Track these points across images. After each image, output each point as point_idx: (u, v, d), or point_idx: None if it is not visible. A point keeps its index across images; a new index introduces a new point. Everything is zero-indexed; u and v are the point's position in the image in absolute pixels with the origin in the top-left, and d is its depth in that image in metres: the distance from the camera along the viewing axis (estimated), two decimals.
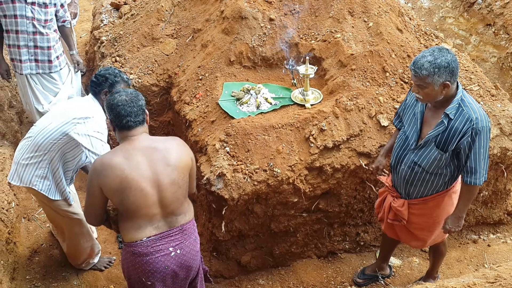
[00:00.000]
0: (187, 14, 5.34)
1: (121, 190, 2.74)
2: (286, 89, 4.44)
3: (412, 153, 3.24)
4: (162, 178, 2.81)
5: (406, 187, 3.38)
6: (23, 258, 4.35)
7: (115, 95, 2.86)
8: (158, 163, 2.81)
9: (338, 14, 4.63)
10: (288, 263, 4.35)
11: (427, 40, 4.77)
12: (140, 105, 2.87)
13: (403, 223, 3.50)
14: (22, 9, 4.52)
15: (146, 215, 2.83)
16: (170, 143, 2.92)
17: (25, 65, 4.75)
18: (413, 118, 3.25)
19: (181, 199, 2.93)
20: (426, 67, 2.89)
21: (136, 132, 2.85)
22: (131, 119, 2.82)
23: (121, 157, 2.77)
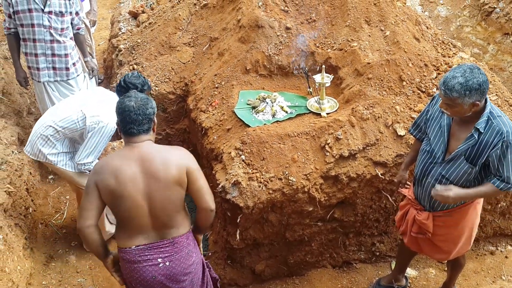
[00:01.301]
0: (204, 22, 5.38)
1: (114, 196, 2.76)
2: (302, 97, 4.44)
3: (440, 167, 3.18)
4: (154, 192, 2.77)
5: (432, 200, 3.32)
6: (39, 263, 4.39)
7: (125, 99, 2.82)
8: (151, 176, 2.76)
9: (354, 23, 4.62)
10: (302, 273, 4.33)
11: (444, 49, 4.75)
12: (147, 113, 2.80)
13: (428, 236, 3.44)
14: (39, 18, 4.58)
15: (137, 225, 2.84)
16: (170, 155, 2.83)
17: (43, 73, 4.82)
18: (439, 131, 3.18)
19: (173, 213, 2.87)
20: (457, 89, 2.81)
21: (138, 140, 2.81)
22: (134, 126, 2.79)
23: (119, 164, 2.76)
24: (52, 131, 3.96)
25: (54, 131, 3.96)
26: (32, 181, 4.93)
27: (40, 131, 3.98)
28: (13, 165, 4.52)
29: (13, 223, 4.15)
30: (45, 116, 4.10)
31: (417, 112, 3.99)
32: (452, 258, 3.62)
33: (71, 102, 4.09)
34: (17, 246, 4.02)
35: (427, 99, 4.08)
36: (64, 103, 4.17)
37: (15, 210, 4.28)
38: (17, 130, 5.02)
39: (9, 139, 4.77)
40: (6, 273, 3.61)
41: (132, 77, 3.95)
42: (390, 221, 4.27)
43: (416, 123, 3.50)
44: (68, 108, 4.00)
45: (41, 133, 3.97)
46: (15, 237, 4.04)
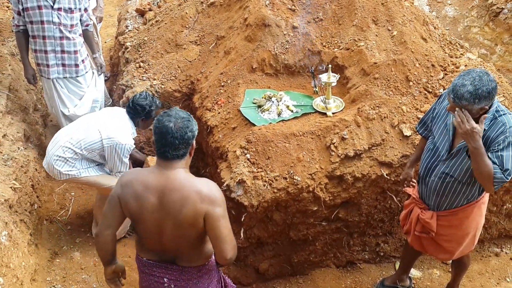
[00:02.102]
0: (211, 21, 5.38)
1: (133, 217, 2.71)
2: (308, 97, 4.43)
3: (443, 164, 3.18)
4: (166, 226, 2.65)
5: (436, 199, 3.32)
6: (44, 259, 4.41)
7: (164, 118, 2.56)
8: (166, 212, 2.60)
9: (361, 23, 4.61)
10: (306, 272, 4.33)
11: (452, 49, 4.73)
12: (185, 138, 2.55)
13: (432, 235, 3.44)
14: (49, 15, 4.59)
15: (150, 245, 2.80)
16: (192, 194, 2.57)
17: (53, 70, 4.83)
18: (445, 129, 3.18)
19: (185, 249, 2.76)
20: (467, 97, 2.80)
21: (169, 166, 2.59)
22: (169, 150, 2.55)
23: (141, 191, 2.61)
24: (71, 153, 4.05)
25: (73, 153, 4.04)
26: (38, 177, 4.94)
27: (58, 153, 4.05)
28: (19, 161, 4.53)
29: (18, 219, 4.16)
30: (60, 136, 4.16)
31: (424, 113, 3.97)
32: (456, 258, 3.61)
33: (87, 123, 4.16)
34: (22, 242, 4.03)
35: (433, 100, 4.06)
36: (79, 124, 4.24)
37: (20, 206, 4.29)
38: (23, 126, 5.03)
39: (15, 136, 4.78)
40: (10, 269, 3.63)
41: (140, 98, 4.10)
42: (395, 222, 4.26)
43: (422, 121, 3.50)
44: (85, 129, 4.09)
45: (59, 155, 4.04)
46: (20, 233, 4.05)
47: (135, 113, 4.13)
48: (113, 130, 4.04)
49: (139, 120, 4.19)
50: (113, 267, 2.94)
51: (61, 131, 4.31)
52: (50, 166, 4.10)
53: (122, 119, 4.16)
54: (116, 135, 4.02)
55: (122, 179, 2.72)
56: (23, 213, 4.31)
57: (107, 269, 2.93)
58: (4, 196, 4.03)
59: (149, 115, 4.16)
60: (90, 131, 4.06)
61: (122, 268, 2.98)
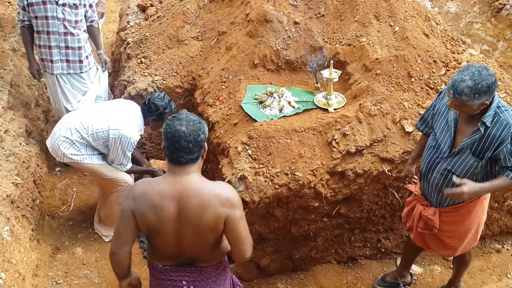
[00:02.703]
0: (212, 16, 5.37)
1: (151, 229, 2.63)
2: (309, 92, 4.42)
3: (445, 161, 3.18)
4: (185, 233, 2.59)
5: (438, 195, 3.32)
6: (45, 255, 4.42)
7: (175, 122, 2.50)
8: (186, 218, 2.54)
9: (363, 18, 4.60)
10: (307, 268, 4.33)
11: (454, 45, 4.71)
12: (198, 140, 2.49)
13: (434, 231, 3.44)
14: (54, 11, 4.59)
15: (167, 252, 2.75)
16: (211, 198, 2.53)
17: (57, 65, 4.83)
18: (446, 126, 3.18)
19: (203, 253, 2.74)
20: (466, 92, 2.80)
21: (184, 171, 2.53)
22: (183, 155, 2.49)
23: (159, 201, 2.53)
24: (78, 136, 4.08)
25: (80, 136, 4.08)
26: (40, 173, 4.95)
27: (66, 134, 4.08)
28: (21, 157, 4.54)
29: (20, 215, 4.17)
30: (70, 118, 4.22)
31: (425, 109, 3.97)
32: (458, 254, 3.61)
33: (98, 110, 4.22)
34: (24, 237, 4.04)
35: (435, 96, 4.06)
36: (90, 109, 4.29)
37: (22, 201, 4.30)
38: (25, 122, 5.04)
39: (17, 131, 4.79)
40: (12, 264, 3.63)
41: (157, 98, 4.16)
42: (396, 218, 4.27)
43: (423, 118, 3.50)
44: (95, 116, 4.14)
45: (67, 137, 4.07)
46: (22, 228, 4.06)
47: (148, 111, 4.16)
48: (121, 122, 4.07)
49: (150, 119, 4.21)
50: (129, 280, 2.88)
51: (70, 113, 4.38)
52: (55, 146, 4.13)
53: (133, 113, 4.20)
54: (123, 127, 4.04)
55: (134, 191, 2.61)
56: (25, 208, 4.31)
57: (123, 283, 2.86)
58: (6, 191, 4.04)
59: (161, 116, 4.18)
60: (100, 118, 4.09)
61: (138, 280, 2.93)
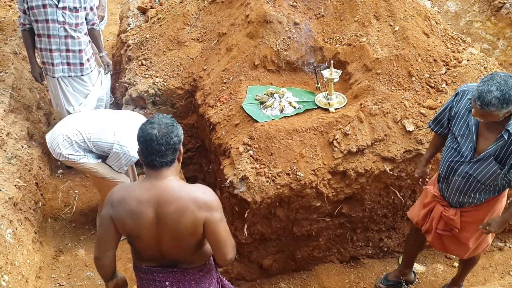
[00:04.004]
0: (213, 18, 5.38)
1: (130, 235, 2.64)
2: (310, 93, 4.43)
3: (467, 166, 3.15)
4: (164, 237, 2.59)
5: (459, 197, 3.30)
6: (48, 257, 4.43)
7: (147, 126, 2.49)
8: (164, 223, 2.54)
9: (363, 18, 4.61)
10: (310, 267, 4.34)
11: (454, 44, 4.72)
12: (171, 143, 2.46)
13: (455, 231, 3.42)
14: (54, 14, 4.60)
15: (149, 255, 2.75)
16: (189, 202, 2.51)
17: (58, 68, 4.84)
18: (467, 130, 3.14)
19: (184, 255, 2.72)
20: (494, 103, 2.76)
21: (159, 175, 2.52)
22: (157, 158, 2.47)
23: (136, 207, 2.53)
24: (80, 139, 4.06)
25: (82, 141, 4.07)
26: (42, 175, 4.96)
27: (67, 133, 4.07)
28: (23, 159, 4.55)
29: (22, 217, 4.18)
30: (75, 119, 4.22)
31: (426, 108, 3.98)
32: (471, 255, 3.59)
33: (105, 121, 4.19)
34: (27, 240, 4.05)
35: (436, 95, 4.07)
36: (98, 117, 4.28)
37: (25, 204, 4.31)
38: (26, 124, 5.05)
39: (19, 134, 4.80)
40: (15, 266, 3.64)
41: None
42: (398, 217, 4.27)
43: (437, 119, 3.43)
44: (102, 127, 4.11)
45: (69, 136, 4.06)
46: (24, 231, 4.07)
47: None
48: (127, 139, 4.04)
49: None
50: (115, 281, 2.91)
51: (76, 114, 4.38)
52: (54, 143, 4.11)
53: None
54: (129, 145, 4.04)
55: (112, 198, 2.62)
56: (28, 211, 4.32)
57: (109, 283, 2.89)
58: (9, 194, 4.04)
59: None
60: (106, 130, 4.08)
61: (124, 280, 2.95)
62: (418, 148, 3.85)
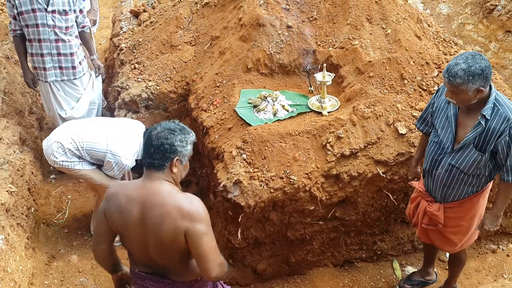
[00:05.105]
0: (206, 21, 5.38)
1: (119, 231, 2.67)
2: (303, 96, 4.43)
3: (449, 157, 3.22)
4: (149, 241, 2.56)
5: (443, 191, 3.36)
6: (41, 263, 4.40)
7: (153, 127, 2.58)
8: (147, 227, 2.52)
9: (356, 21, 4.61)
10: (304, 271, 4.33)
11: (446, 47, 4.73)
12: (161, 149, 2.48)
13: (439, 227, 3.49)
14: (43, 18, 4.59)
15: (139, 258, 2.73)
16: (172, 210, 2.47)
17: (50, 73, 4.82)
18: (447, 121, 3.22)
19: (171, 263, 2.67)
20: (460, 75, 2.87)
21: (151, 176, 2.54)
22: (146, 157, 2.53)
23: (124, 204, 2.55)
24: (74, 147, 4.07)
25: (76, 148, 4.07)
26: (34, 180, 4.94)
27: (62, 141, 4.07)
28: (15, 164, 4.52)
29: (15, 223, 4.15)
30: (70, 127, 4.23)
31: (419, 111, 3.98)
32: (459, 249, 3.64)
33: (101, 129, 4.20)
34: (19, 246, 4.03)
35: (428, 97, 4.07)
36: (93, 125, 4.29)
37: (17, 210, 4.28)
38: (18, 129, 5.02)
39: (11, 139, 4.77)
40: (8, 273, 3.62)
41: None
42: (391, 220, 4.28)
43: (422, 117, 3.53)
44: (97, 134, 4.13)
45: (62, 144, 4.06)
46: (17, 237, 4.05)
47: None
48: (120, 146, 4.06)
49: None
50: (119, 275, 2.94)
51: (72, 122, 4.40)
52: (49, 150, 4.12)
53: (134, 136, 4.17)
54: (121, 153, 4.05)
55: (108, 192, 2.66)
56: (20, 216, 4.30)
57: (113, 277, 2.95)
58: (1, 200, 4.02)
59: None
60: (99, 139, 4.08)
61: (129, 275, 2.94)
62: (411, 151, 3.86)
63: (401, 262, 4.44)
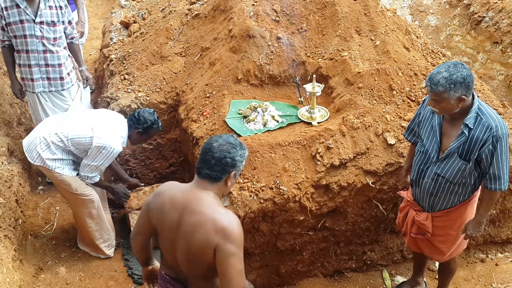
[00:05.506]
0: (196, 32, 5.39)
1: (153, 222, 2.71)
2: (293, 107, 4.45)
3: (435, 166, 3.26)
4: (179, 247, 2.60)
5: (430, 200, 3.39)
6: (29, 275, 4.34)
7: (213, 138, 2.60)
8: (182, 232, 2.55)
9: (345, 33, 4.65)
10: (294, 282, 4.32)
11: (434, 58, 4.78)
12: (223, 162, 2.52)
13: (428, 236, 3.51)
14: (31, 29, 4.57)
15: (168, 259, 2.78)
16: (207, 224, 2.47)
17: (37, 84, 4.80)
18: (432, 131, 3.27)
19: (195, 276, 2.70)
20: (442, 83, 2.92)
21: (201, 185, 2.58)
22: (204, 167, 2.55)
23: (168, 204, 2.60)
24: (57, 139, 4.05)
25: (60, 140, 4.06)
26: (22, 192, 4.89)
27: (45, 135, 4.07)
28: (3, 176, 4.49)
29: (2, 235, 4.11)
30: (51, 123, 4.22)
31: (407, 121, 4.01)
32: (448, 258, 3.66)
33: (82, 119, 4.21)
34: (6, 258, 3.98)
35: (416, 108, 4.10)
36: (73, 117, 4.29)
37: (4, 221, 4.23)
38: (7, 140, 4.98)
39: None
40: None
41: (147, 112, 4.24)
42: (381, 230, 4.28)
43: (409, 128, 3.58)
44: (79, 124, 4.12)
45: (45, 138, 4.06)
46: (4, 248, 4.00)
47: (136, 123, 4.20)
48: (106, 131, 4.07)
49: (135, 131, 4.23)
50: (150, 268, 3.03)
51: (52, 117, 4.39)
52: (31, 146, 4.10)
53: (119, 123, 4.21)
54: (107, 137, 4.04)
55: (159, 188, 2.74)
56: (7, 228, 4.25)
57: (143, 269, 3.05)
58: None
59: (148, 131, 4.26)
60: (83, 126, 4.08)
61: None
62: (400, 161, 3.88)
63: (390, 271, 4.44)
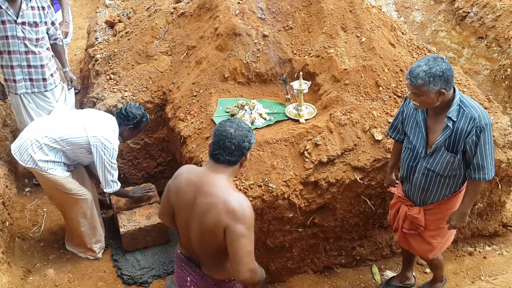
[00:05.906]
0: (182, 31, 5.37)
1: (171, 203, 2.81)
2: (281, 104, 4.45)
3: (424, 161, 3.30)
4: (192, 227, 2.70)
5: (422, 194, 3.43)
6: (17, 278, 4.31)
7: (227, 123, 2.67)
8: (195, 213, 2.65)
9: (331, 30, 4.66)
10: (284, 279, 4.32)
11: (420, 54, 4.81)
12: (242, 146, 2.62)
13: (420, 230, 3.54)
14: (13, 30, 4.52)
15: (183, 240, 2.89)
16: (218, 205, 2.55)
17: (20, 85, 4.75)
18: (417, 127, 3.31)
19: (207, 257, 2.79)
20: (421, 76, 2.95)
21: (217, 169, 2.65)
22: (223, 154, 2.61)
23: (184, 185, 2.71)
24: (50, 141, 4.03)
25: (54, 141, 4.03)
26: (9, 194, 4.84)
27: (37, 137, 4.04)
28: None
29: None
30: (40, 126, 4.17)
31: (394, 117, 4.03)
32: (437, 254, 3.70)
33: (70, 119, 4.19)
34: None
35: None
36: (61, 118, 4.26)
37: None
38: None
39: None
40: None
41: (134, 107, 4.27)
42: (370, 225, 4.31)
43: (393, 125, 3.61)
44: (69, 124, 4.11)
45: (37, 140, 4.02)
46: None
47: (126, 119, 4.22)
48: (98, 128, 4.07)
49: (127, 128, 4.26)
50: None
51: (40, 120, 4.35)
52: (21, 149, 4.06)
53: (109, 122, 4.21)
54: (102, 133, 4.05)
55: (178, 170, 2.85)
56: None
57: None
58: None
59: (139, 125, 4.31)
60: (74, 127, 4.07)
61: None
62: (387, 156, 3.90)
63: (380, 266, 4.47)
